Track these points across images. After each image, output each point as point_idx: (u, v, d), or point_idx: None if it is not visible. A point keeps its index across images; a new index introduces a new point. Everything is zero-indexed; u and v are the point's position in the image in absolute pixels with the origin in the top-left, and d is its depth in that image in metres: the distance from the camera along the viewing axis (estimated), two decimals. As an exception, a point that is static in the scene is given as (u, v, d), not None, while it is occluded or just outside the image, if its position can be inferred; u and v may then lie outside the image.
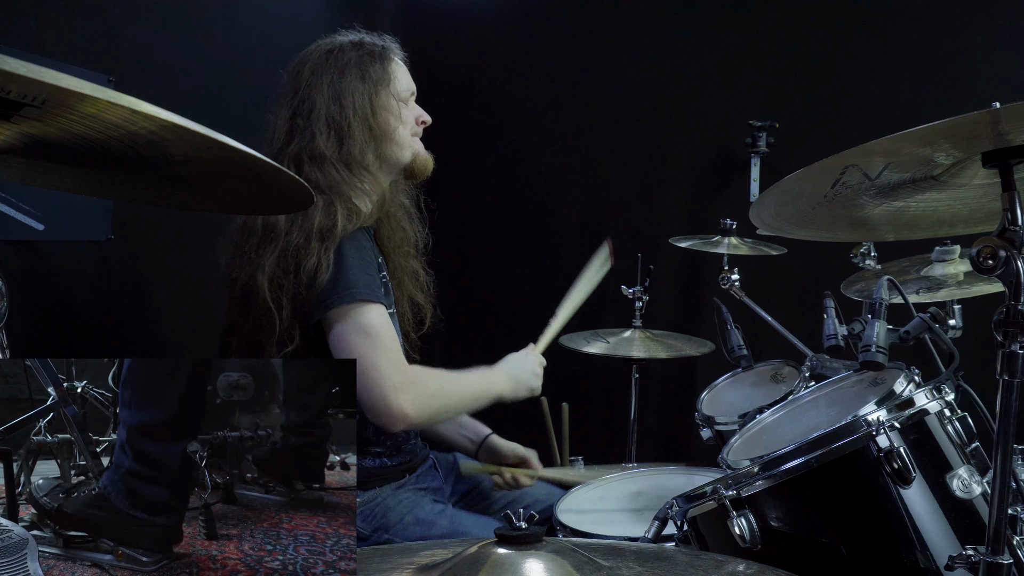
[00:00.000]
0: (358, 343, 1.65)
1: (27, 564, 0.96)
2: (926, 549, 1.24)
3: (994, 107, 0.94)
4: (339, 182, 1.73)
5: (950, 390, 1.37)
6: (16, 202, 1.82)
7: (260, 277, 1.67)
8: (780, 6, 3.23)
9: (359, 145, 1.76)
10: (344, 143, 1.75)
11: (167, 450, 1.07)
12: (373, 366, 1.62)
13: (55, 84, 0.75)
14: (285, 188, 1.12)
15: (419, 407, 1.66)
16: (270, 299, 1.66)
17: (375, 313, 1.67)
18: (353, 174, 1.75)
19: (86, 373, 1.14)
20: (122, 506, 1.04)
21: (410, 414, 1.64)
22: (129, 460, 1.06)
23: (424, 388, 1.70)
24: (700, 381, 2.82)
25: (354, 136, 1.76)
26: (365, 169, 1.77)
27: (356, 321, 1.65)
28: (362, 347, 1.64)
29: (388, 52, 1.84)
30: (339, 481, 1.23)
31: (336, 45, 1.82)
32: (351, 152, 1.75)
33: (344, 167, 1.75)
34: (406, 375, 1.67)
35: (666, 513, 1.41)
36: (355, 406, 1.76)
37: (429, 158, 1.90)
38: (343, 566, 1.01)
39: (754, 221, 1.32)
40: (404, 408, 1.63)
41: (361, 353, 1.64)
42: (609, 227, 3.44)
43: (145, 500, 1.05)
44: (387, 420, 1.64)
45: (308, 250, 1.65)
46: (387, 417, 1.63)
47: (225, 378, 1.19)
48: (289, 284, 1.66)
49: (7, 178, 1.16)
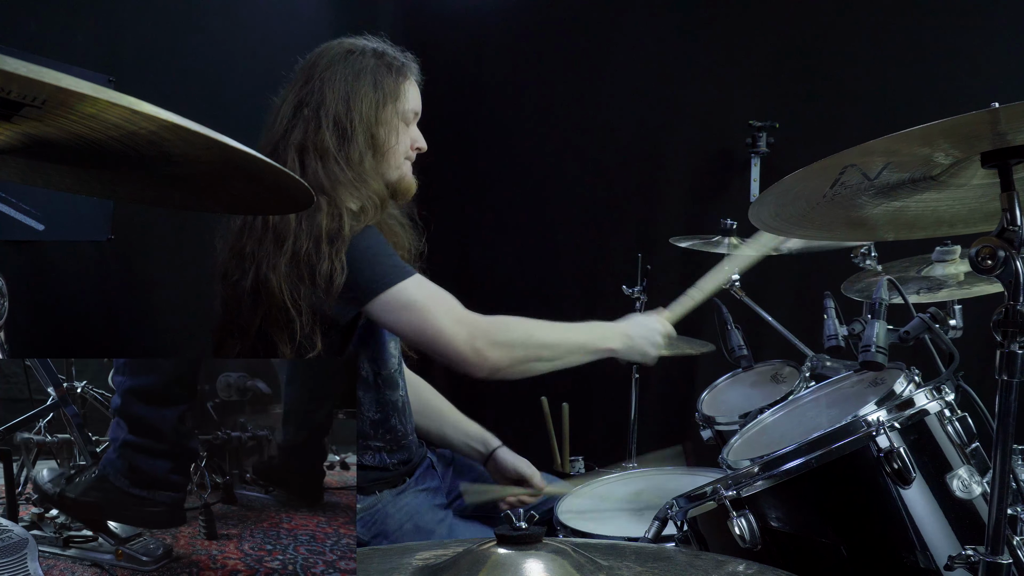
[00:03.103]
0: (413, 320, 1.68)
1: (27, 564, 0.96)
2: (926, 549, 1.24)
3: (993, 107, 0.94)
4: (341, 181, 1.73)
5: (950, 390, 1.37)
6: (16, 202, 1.82)
7: (273, 278, 1.66)
8: (780, 6, 3.23)
9: (359, 150, 1.76)
10: (344, 144, 1.75)
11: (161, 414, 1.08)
12: (438, 333, 1.66)
13: (55, 84, 0.74)
14: (285, 188, 1.12)
15: (501, 354, 1.69)
16: (288, 300, 1.65)
17: (412, 286, 1.69)
18: (354, 174, 1.75)
19: (86, 373, 1.14)
20: (122, 485, 1.05)
21: (493, 359, 1.68)
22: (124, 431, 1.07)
23: (502, 335, 1.71)
24: (700, 381, 2.82)
25: (356, 139, 1.76)
26: (364, 171, 1.77)
27: (398, 304, 1.67)
28: (417, 322, 1.68)
29: (405, 69, 1.84)
30: (339, 481, 1.23)
31: (358, 48, 1.82)
32: (350, 155, 1.75)
33: (346, 165, 1.75)
34: (473, 326, 1.69)
35: (666, 513, 1.41)
36: (355, 405, 1.77)
37: (413, 183, 1.90)
38: (343, 566, 1.01)
39: (754, 221, 1.32)
40: (483, 355, 1.67)
41: (420, 328, 1.68)
42: (609, 227, 3.45)
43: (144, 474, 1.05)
44: (474, 370, 1.68)
45: (320, 255, 1.64)
46: (472, 368, 1.67)
47: (225, 378, 1.19)
48: (306, 290, 1.65)
49: (7, 178, 1.16)
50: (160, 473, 1.06)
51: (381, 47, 1.84)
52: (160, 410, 1.08)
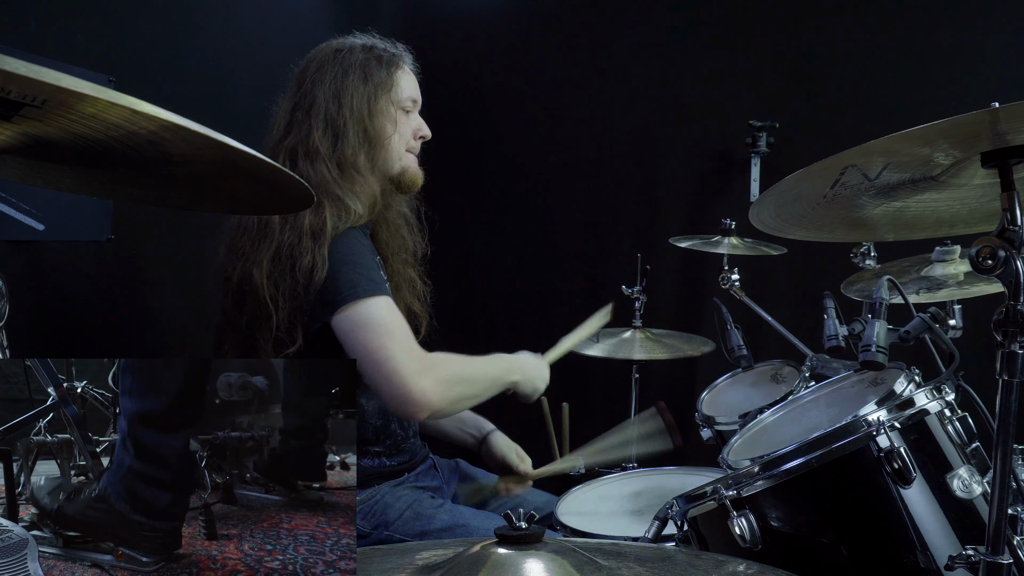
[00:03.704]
0: (369, 339, 1.64)
1: (27, 564, 0.96)
2: (926, 549, 1.24)
3: (993, 107, 0.94)
4: (329, 181, 1.73)
5: (950, 390, 1.37)
6: (16, 202, 1.82)
7: (257, 274, 1.67)
8: (780, 6, 3.23)
9: (352, 146, 1.76)
10: (338, 142, 1.76)
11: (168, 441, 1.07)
12: (388, 359, 1.62)
13: (55, 84, 0.74)
14: (285, 188, 1.12)
15: (441, 392, 1.65)
16: (267, 296, 1.66)
17: (381, 305, 1.67)
18: (344, 175, 1.75)
19: (86, 373, 1.14)
20: (122, 509, 1.04)
21: (433, 400, 1.64)
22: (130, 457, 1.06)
23: (444, 372, 1.69)
24: (700, 381, 2.82)
25: (348, 136, 1.76)
26: (356, 171, 1.77)
27: (363, 318, 1.64)
28: (373, 342, 1.63)
29: (396, 59, 1.84)
30: (339, 481, 1.23)
31: (346, 45, 1.83)
32: (344, 152, 1.75)
33: (336, 166, 1.75)
34: (423, 362, 1.66)
35: (666, 513, 1.41)
36: (355, 406, 1.77)
37: (419, 174, 1.89)
38: (343, 566, 1.01)
39: (754, 221, 1.32)
40: (427, 394, 1.62)
41: (373, 348, 1.63)
42: (609, 227, 3.45)
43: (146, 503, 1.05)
44: (411, 409, 1.63)
45: (301, 249, 1.65)
46: (411, 406, 1.62)
47: (225, 378, 1.19)
48: (286, 284, 1.66)
49: (7, 178, 1.16)
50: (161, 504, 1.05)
51: (370, 42, 1.85)
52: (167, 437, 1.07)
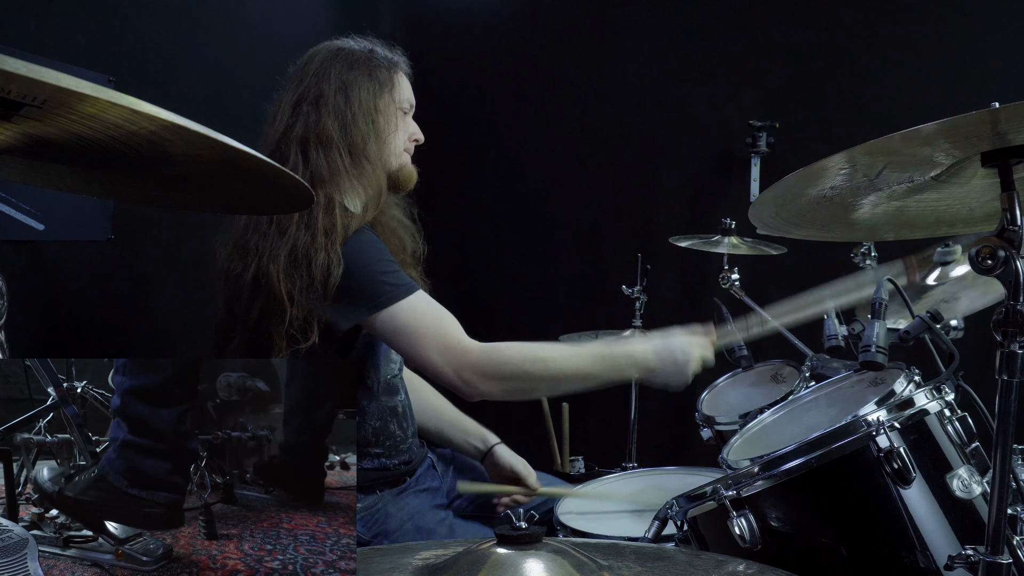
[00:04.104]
0: (403, 346, 1.73)
1: (27, 564, 0.96)
2: (926, 549, 1.24)
3: (993, 107, 0.94)
4: (340, 171, 1.75)
5: (950, 390, 1.37)
6: (16, 202, 1.82)
7: (274, 269, 1.68)
8: (780, 6, 3.23)
9: (362, 134, 1.78)
10: (348, 129, 1.77)
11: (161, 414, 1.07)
12: (426, 362, 1.70)
13: (55, 84, 0.74)
14: (285, 188, 1.12)
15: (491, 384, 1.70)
16: (283, 292, 1.67)
17: (405, 309, 1.69)
18: (355, 162, 1.77)
19: (86, 373, 1.14)
20: (120, 485, 1.04)
21: (482, 389, 1.70)
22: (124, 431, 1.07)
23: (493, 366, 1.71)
24: (700, 381, 2.81)
25: (358, 124, 1.78)
26: (366, 159, 1.78)
27: (392, 327, 1.69)
28: (407, 349, 1.72)
29: (395, 64, 1.88)
30: (339, 481, 1.23)
31: (347, 46, 1.86)
32: (354, 139, 1.77)
33: (348, 153, 1.76)
34: (462, 358, 1.69)
35: (666, 513, 1.41)
36: (355, 406, 1.77)
37: (414, 172, 1.91)
38: (343, 566, 1.01)
39: (754, 221, 1.32)
40: (475, 386, 1.69)
41: (409, 355, 1.75)
42: (609, 227, 3.45)
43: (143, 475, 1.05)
44: (465, 396, 1.72)
45: (316, 246, 1.66)
46: (464, 394, 1.72)
47: (225, 378, 1.19)
48: (303, 281, 1.67)
49: (7, 178, 1.16)
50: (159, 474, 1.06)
51: (370, 45, 1.88)
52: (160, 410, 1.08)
